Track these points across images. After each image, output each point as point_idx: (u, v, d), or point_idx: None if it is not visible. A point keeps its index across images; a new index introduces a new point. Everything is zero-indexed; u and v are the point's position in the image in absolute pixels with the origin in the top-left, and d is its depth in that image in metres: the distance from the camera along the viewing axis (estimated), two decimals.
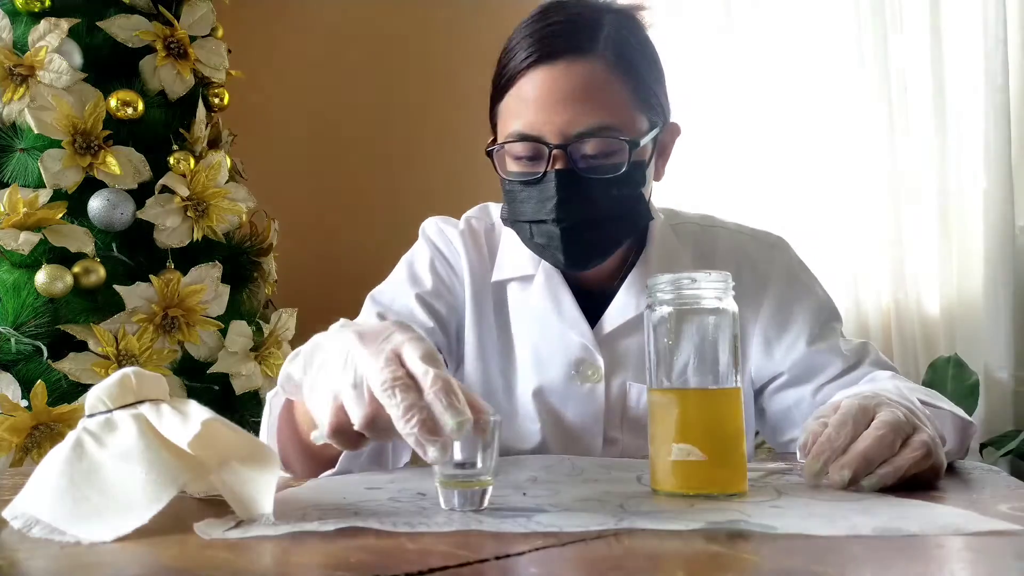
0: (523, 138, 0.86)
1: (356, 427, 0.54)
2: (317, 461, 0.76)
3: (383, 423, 0.53)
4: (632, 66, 0.87)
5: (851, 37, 2.25)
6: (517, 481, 0.68)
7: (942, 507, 0.56)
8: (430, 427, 0.51)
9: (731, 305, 0.64)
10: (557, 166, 0.85)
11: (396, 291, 1.02)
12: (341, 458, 0.75)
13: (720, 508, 0.56)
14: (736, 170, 2.32)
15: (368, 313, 1.00)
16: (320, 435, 0.57)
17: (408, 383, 0.52)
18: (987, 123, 2.11)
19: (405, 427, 0.51)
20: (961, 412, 0.83)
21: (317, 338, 0.63)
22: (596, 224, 0.88)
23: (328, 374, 0.57)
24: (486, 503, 0.57)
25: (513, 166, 0.89)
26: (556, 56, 0.84)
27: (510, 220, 0.93)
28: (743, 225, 1.07)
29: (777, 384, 0.99)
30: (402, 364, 0.54)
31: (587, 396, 0.96)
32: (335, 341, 0.59)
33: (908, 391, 0.77)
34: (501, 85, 0.89)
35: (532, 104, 0.85)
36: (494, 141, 0.93)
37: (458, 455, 0.55)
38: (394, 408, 0.51)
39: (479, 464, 0.56)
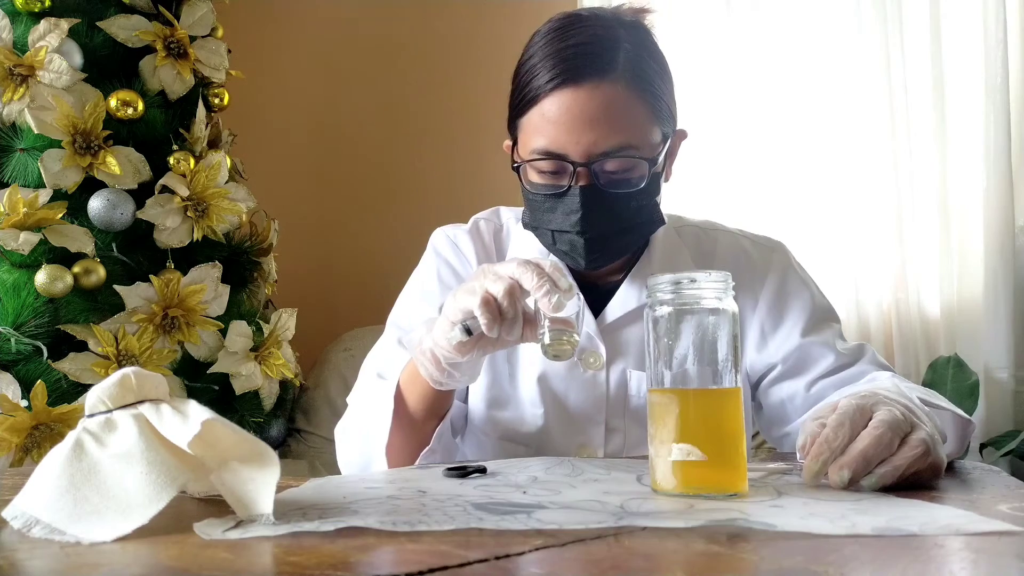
0: (548, 155, 0.90)
1: (499, 298, 0.75)
2: (415, 441, 0.90)
3: (517, 295, 0.75)
4: (649, 83, 0.91)
5: (851, 38, 2.25)
6: (518, 480, 0.68)
7: (942, 507, 0.56)
8: (553, 284, 0.74)
9: (731, 305, 0.64)
10: (581, 182, 0.89)
11: (411, 312, 1.05)
12: (436, 434, 0.90)
13: (720, 508, 0.56)
14: (736, 171, 2.32)
15: (389, 338, 1.04)
16: (456, 334, 0.77)
17: (535, 264, 0.75)
18: (987, 123, 2.11)
19: (538, 282, 0.73)
20: (960, 411, 0.84)
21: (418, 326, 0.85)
22: (616, 234, 0.93)
23: (467, 285, 0.78)
24: (576, 356, 0.86)
25: (537, 178, 0.93)
26: (580, 79, 0.87)
27: (531, 226, 0.97)
28: (744, 230, 1.10)
29: (772, 377, 1.00)
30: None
31: (589, 383, 0.99)
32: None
33: (907, 389, 0.77)
34: (525, 101, 0.92)
35: (557, 124, 0.88)
36: (513, 147, 0.96)
37: (564, 312, 0.77)
38: (529, 274, 0.74)
39: (576, 326, 0.77)
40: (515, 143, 0.96)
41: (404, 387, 0.89)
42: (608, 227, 0.92)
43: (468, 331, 0.76)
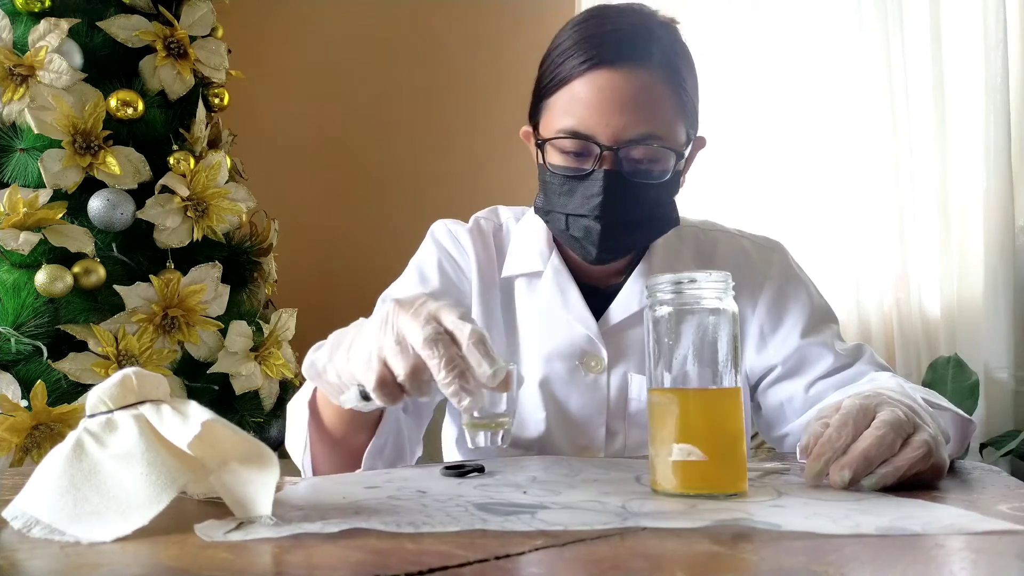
0: (575, 135, 0.89)
1: (400, 379, 0.60)
2: (343, 453, 0.81)
3: (424, 375, 0.59)
4: (680, 79, 0.91)
5: (852, 39, 2.25)
6: (517, 480, 0.68)
7: (943, 507, 0.56)
8: (467, 378, 0.57)
9: (731, 305, 0.64)
10: (605, 166, 0.88)
11: (406, 292, 1.03)
12: (366, 455, 0.80)
13: (721, 508, 0.56)
14: (736, 171, 2.32)
15: None
16: (351, 397, 0.63)
17: (447, 339, 0.58)
18: (987, 123, 2.11)
19: (446, 378, 0.57)
20: (961, 412, 0.84)
21: (338, 331, 0.68)
22: (632, 225, 0.92)
23: (367, 337, 0.62)
24: (508, 441, 0.64)
25: (559, 159, 0.92)
26: (617, 61, 0.87)
27: (544, 210, 0.96)
28: (743, 231, 1.10)
29: (771, 378, 1.01)
30: (440, 323, 0.59)
31: (590, 386, 0.99)
32: (367, 320, 0.65)
33: (911, 389, 0.77)
34: (554, 82, 0.91)
35: (588, 105, 0.87)
36: (535, 132, 0.95)
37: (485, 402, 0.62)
38: (435, 360, 0.57)
39: (502, 407, 0.63)
40: (536, 127, 0.95)
41: (321, 403, 0.79)
42: (625, 216, 0.90)
43: (366, 396, 0.65)
